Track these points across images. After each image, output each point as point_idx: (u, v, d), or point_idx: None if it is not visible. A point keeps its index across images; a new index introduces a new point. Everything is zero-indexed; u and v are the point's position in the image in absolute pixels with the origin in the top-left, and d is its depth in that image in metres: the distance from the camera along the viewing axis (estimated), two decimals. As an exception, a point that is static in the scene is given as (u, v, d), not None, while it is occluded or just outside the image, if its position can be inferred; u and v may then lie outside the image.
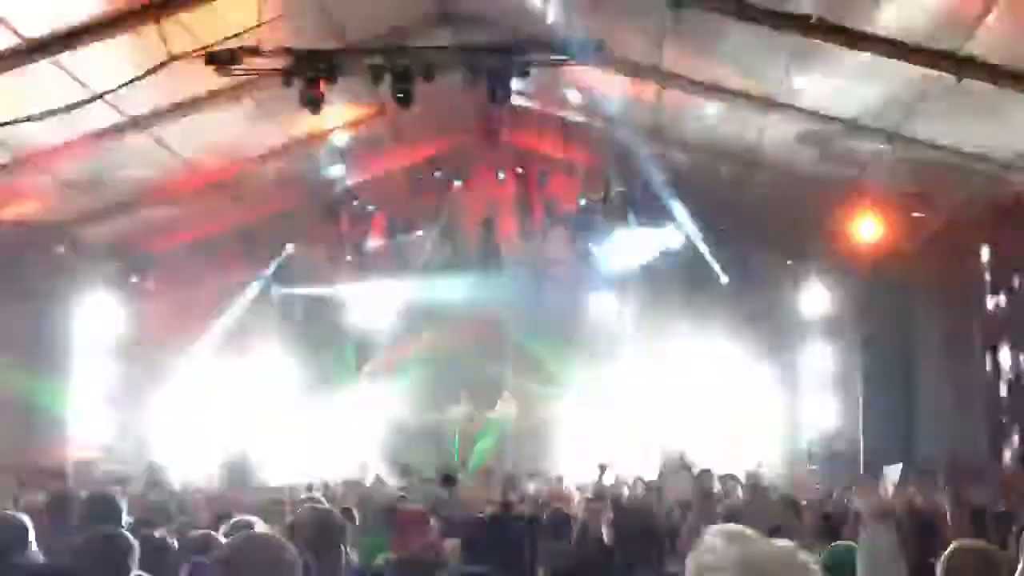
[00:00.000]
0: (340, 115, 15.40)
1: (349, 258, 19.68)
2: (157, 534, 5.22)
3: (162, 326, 18.00)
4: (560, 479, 16.33)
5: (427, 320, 19.42)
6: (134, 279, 17.95)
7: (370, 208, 19.43)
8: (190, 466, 17.84)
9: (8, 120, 11.56)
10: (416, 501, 11.80)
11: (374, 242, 19.63)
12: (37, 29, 10.91)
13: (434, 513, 9.84)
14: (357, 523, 7.56)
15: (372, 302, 20.05)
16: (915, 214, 14.45)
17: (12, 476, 12.65)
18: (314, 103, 12.11)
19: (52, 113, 11.67)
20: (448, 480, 14.05)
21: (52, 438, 16.14)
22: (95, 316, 17.38)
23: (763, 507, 8.82)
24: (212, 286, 18.48)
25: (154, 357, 18.39)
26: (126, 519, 5.76)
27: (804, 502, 10.14)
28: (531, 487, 15.54)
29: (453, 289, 18.76)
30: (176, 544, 5.28)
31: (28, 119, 11.54)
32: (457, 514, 11.07)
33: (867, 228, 14.90)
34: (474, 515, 10.77)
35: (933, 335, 15.90)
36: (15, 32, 10.78)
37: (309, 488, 13.62)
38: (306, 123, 14.71)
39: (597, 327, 19.77)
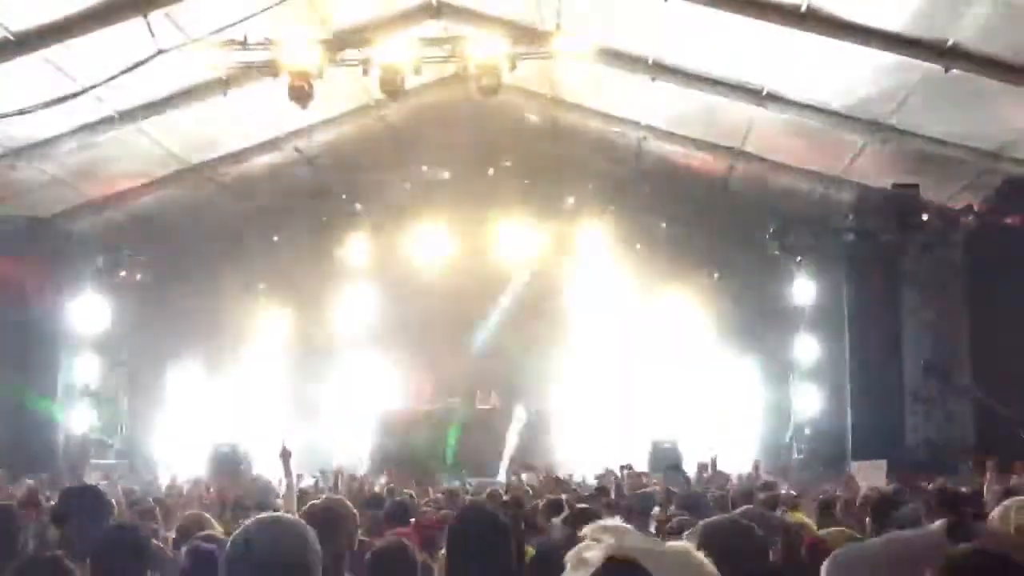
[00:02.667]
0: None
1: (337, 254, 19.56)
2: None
3: (150, 319, 17.95)
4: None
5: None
6: (122, 273, 17.87)
7: (357, 206, 19.32)
8: (181, 459, 17.82)
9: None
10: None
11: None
12: (26, 23, 10.86)
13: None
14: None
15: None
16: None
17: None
18: (302, 96, 12.12)
19: (44, 106, 11.63)
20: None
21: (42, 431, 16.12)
22: (84, 310, 17.33)
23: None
24: (200, 279, 18.35)
25: (144, 350, 18.35)
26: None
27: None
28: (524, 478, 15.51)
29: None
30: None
31: (20, 112, 11.48)
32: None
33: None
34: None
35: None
36: (3, 26, 10.74)
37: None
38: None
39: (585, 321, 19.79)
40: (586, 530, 1.89)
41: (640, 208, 18.42)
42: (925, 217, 14.63)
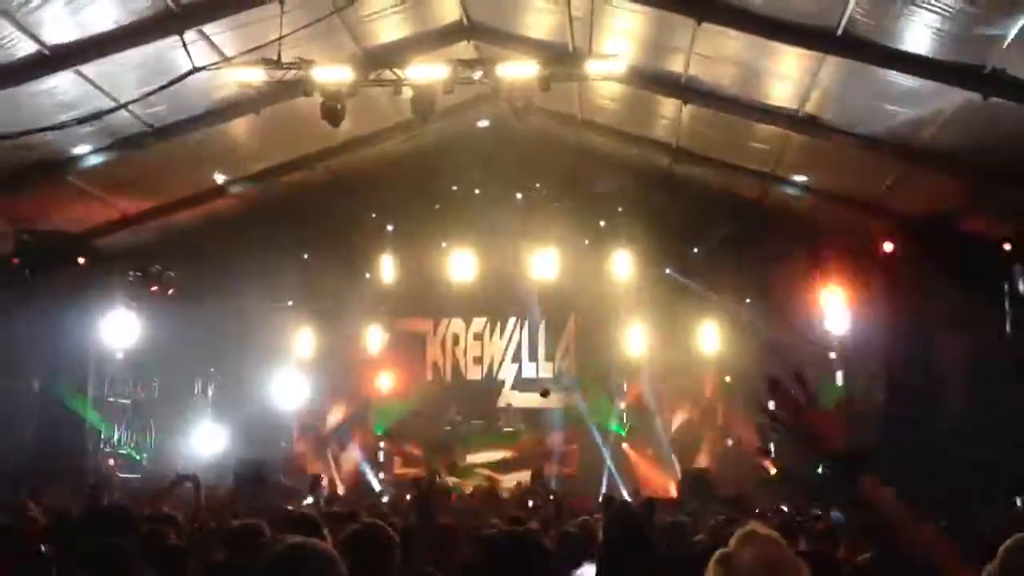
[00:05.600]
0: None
1: (367, 275, 19.57)
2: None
3: (180, 334, 18.02)
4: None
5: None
6: (153, 288, 17.97)
7: (388, 228, 19.29)
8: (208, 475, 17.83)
9: (33, 129, 11.60)
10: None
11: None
12: (61, 38, 10.96)
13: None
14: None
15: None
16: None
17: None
18: (334, 115, 12.11)
19: (77, 122, 11.72)
20: None
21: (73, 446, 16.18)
22: (115, 325, 17.43)
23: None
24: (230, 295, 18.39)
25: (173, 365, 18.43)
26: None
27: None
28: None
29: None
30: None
31: (53, 128, 11.58)
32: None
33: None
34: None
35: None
36: (39, 41, 10.84)
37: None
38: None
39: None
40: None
41: (671, 231, 18.23)
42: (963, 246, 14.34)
